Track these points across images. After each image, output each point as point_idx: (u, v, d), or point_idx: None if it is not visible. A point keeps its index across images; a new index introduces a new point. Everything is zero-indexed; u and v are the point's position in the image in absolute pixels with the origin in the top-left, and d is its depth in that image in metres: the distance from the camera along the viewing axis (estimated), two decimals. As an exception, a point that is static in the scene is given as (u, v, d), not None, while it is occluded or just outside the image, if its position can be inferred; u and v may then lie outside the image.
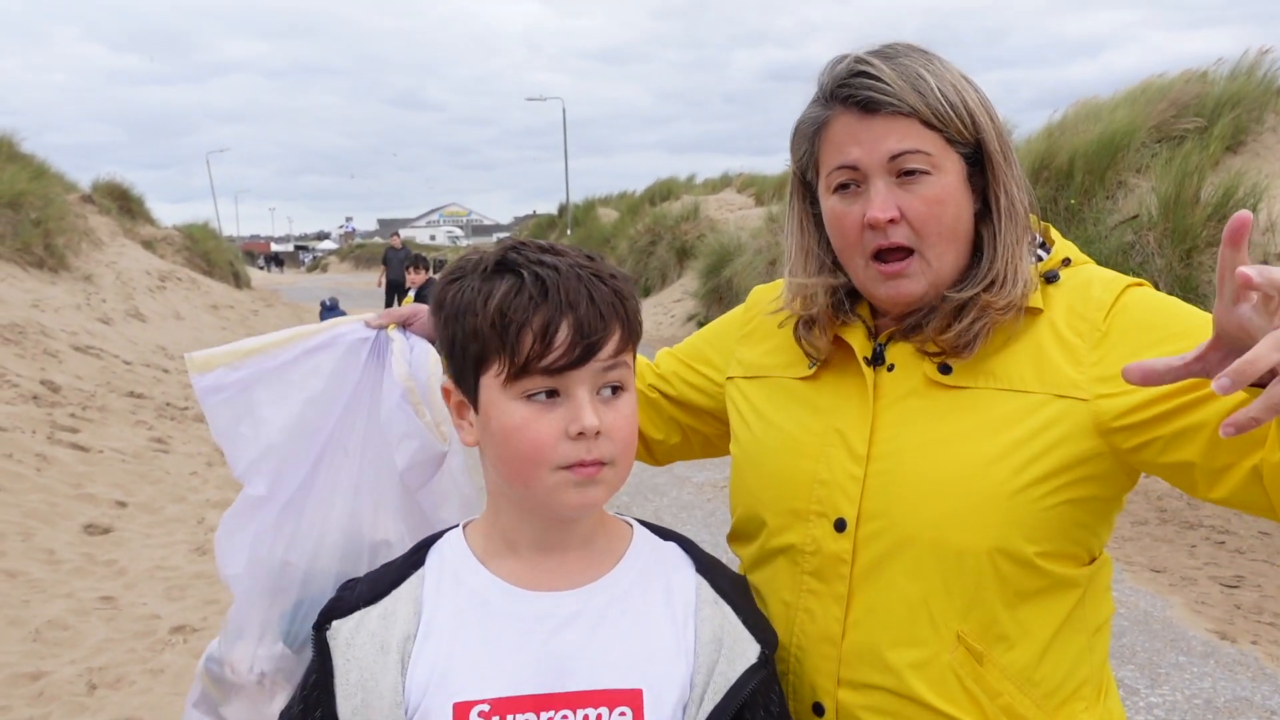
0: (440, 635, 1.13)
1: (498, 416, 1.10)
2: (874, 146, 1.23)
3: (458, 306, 1.12)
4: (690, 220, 23.45)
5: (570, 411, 1.08)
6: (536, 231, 38.19)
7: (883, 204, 1.23)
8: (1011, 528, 1.19)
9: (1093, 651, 1.29)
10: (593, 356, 1.08)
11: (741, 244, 17.01)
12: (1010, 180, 1.27)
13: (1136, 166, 10.58)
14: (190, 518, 6.42)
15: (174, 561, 5.62)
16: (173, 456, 7.72)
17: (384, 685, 1.11)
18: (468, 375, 1.13)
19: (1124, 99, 11.81)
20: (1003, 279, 1.24)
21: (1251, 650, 4.46)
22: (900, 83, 1.21)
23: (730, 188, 29.17)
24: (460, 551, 1.20)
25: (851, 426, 1.29)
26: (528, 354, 1.06)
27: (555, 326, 1.06)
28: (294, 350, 1.44)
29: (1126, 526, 6.16)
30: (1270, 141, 11.18)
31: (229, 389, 1.43)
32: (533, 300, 1.07)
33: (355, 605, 1.18)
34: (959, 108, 1.23)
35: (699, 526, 6.33)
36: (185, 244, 24.77)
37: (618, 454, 1.11)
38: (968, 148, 1.25)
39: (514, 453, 1.09)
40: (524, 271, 1.09)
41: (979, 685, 1.21)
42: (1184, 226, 8.84)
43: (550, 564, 1.17)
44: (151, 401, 9.26)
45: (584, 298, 1.08)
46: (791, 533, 1.30)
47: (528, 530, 1.16)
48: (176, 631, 4.67)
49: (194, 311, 16.29)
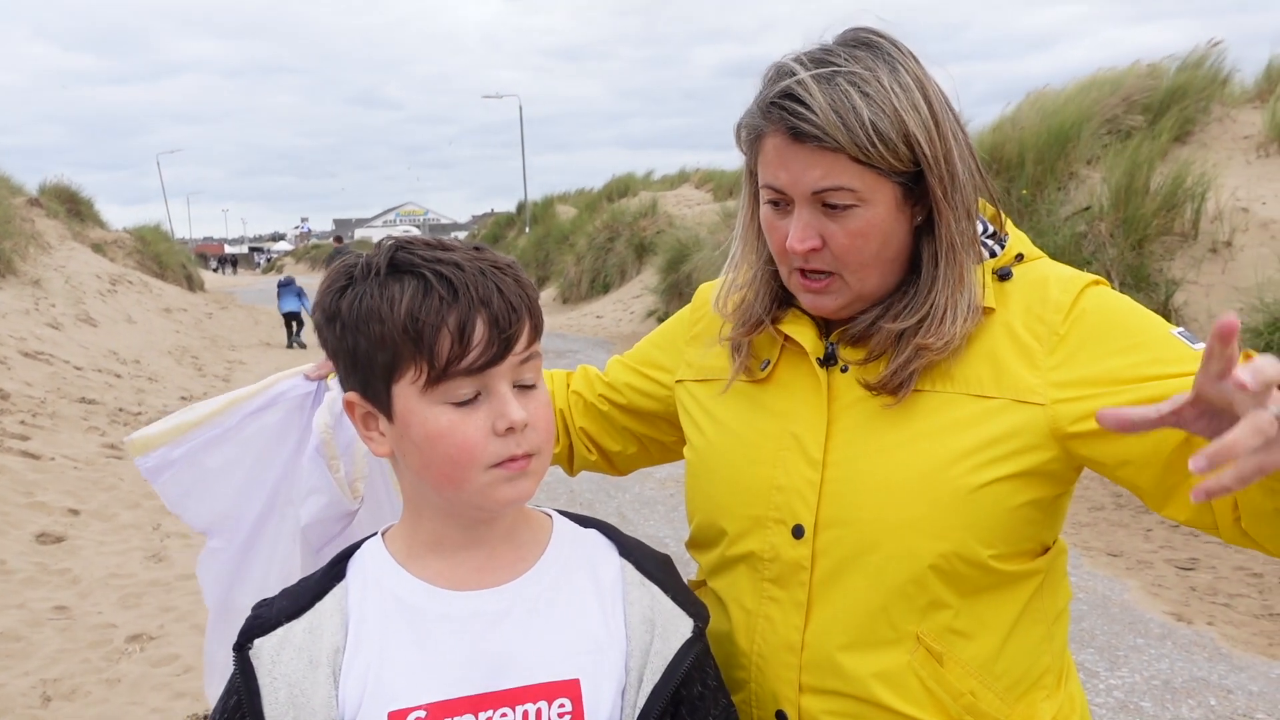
0: (370, 644, 1.10)
1: (419, 424, 1.06)
2: (799, 176, 1.19)
3: (357, 315, 1.06)
4: (649, 216, 23.45)
5: (495, 408, 1.05)
6: (495, 230, 37.98)
7: (802, 235, 1.20)
8: (968, 531, 1.19)
9: (1052, 639, 1.29)
10: (510, 351, 1.06)
11: (700, 239, 17.03)
12: (951, 211, 1.20)
13: (1088, 158, 10.73)
14: (145, 524, 6.32)
15: (129, 569, 5.53)
16: (126, 463, 7.59)
17: (316, 701, 1.07)
18: (376, 385, 1.08)
19: (1074, 91, 11.96)
20: (941, 315, 1.21)
21: (1207, 631, 4.53)
22: (829, 115, 1.14)
23: (688, 183, 29.19)
24: (381, 559, 1.17)
25: (807, 430, 1.27)
26: (447, 357, 1.03)
27: (471, 325, 1.03)
28: (234, 416, 1.44)
29: (1084, 512, 6.25)
30: (1217, 132, 11.39)
31: (174, 465, 1.44)
32: (444, 301, 1.03)
33: (277, 621, 1.13)
34: (890, 141, 1.15)
35: (661, 522, 6.33)
36: (136, 247, 24.41)
37: (542, 443, 1.10)
38: (905, 175, 1.19)
39: (443, 457, 1.06)
40: (425, 272, 1.05)
41: (940, 686, 1.21)
42: (1135, 216, 8.98)
43: (475, 562, 1.15)
44: (104, 407, 9.10)
45: (494, 292, 1.05)
46: (751, 540, 1.29)
47: (452, 532, 1.14)
48: (133, 640, 4.59)
49: (146, 315, 16.03)
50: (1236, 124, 11.42)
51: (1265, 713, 3.77)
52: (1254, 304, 7.48)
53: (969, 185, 1.22)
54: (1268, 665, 4.17)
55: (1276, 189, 9.56)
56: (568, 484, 7.17)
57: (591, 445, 1.64)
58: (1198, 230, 8.91)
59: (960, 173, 1.21)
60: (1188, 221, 9.00)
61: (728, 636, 1.33)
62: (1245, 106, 11.74)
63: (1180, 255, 8.83)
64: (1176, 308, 8.35)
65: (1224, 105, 11.73)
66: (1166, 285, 8.51)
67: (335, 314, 1.09)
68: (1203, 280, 8.50)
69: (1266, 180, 9.96)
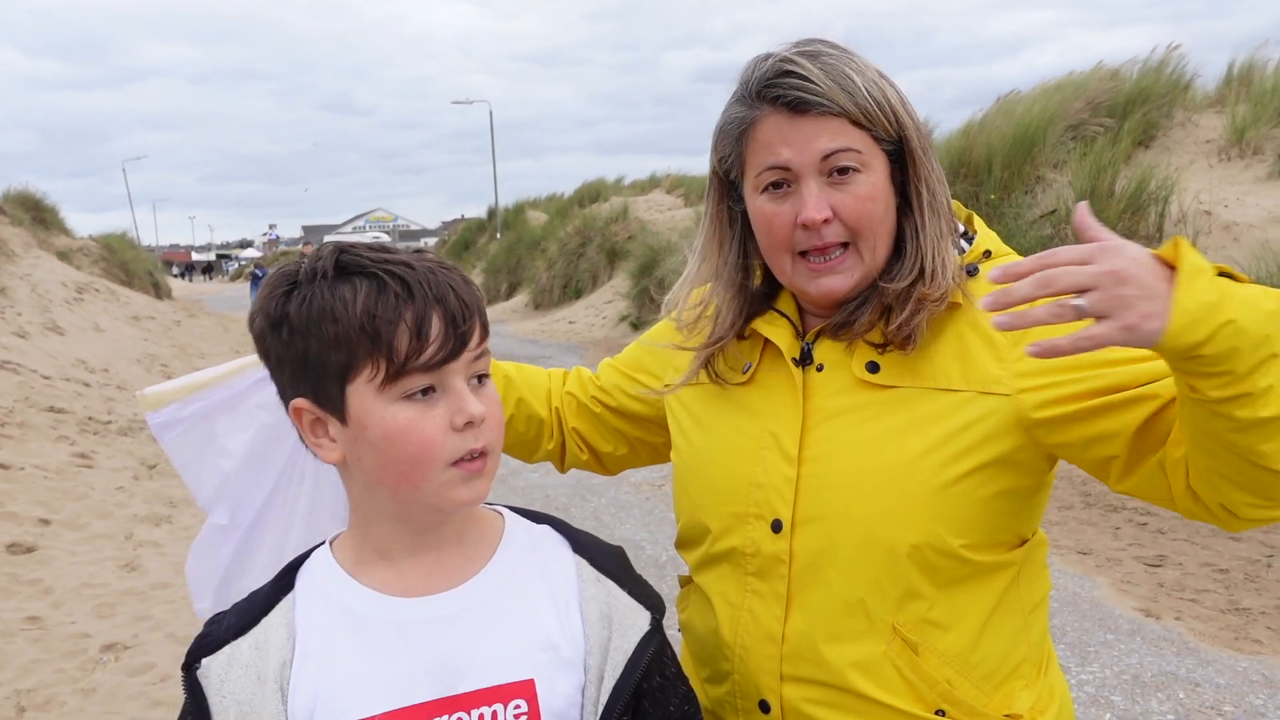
0: (318, 657, 1.09)
1: (377, 423, 1.05)
2: (805, 147, 1.23)
3: (308, 317, 1.05)
4: (620, 221, 23.45)
5: (453, 404, 1.06)
6: (466, 235, 37.80)
7: (816, 204, 1.24)
8: (940, 522, 1.22)
9: (1030, 629, 1.32)
10: (465, 347, 1.06)
11: (671, 244, 17.04)
12: (931, 175, 1.29)
13: (1053, 162, 10.86)
14: (118, 533, 6.26)
15: (102, 578, 5.48)
16: (97, 472, 7.52)
17: (265, 717, 1.06)
18: (328, 388, 1.07)
19: (1040, 96, 12.11)
20: (933, 270, 1.26)
21: (1175, 626, 4.61)
22: (829, 82, 1.21)
23: (659, 188, 29.23)
24: (329, 568, 1.15)
25: (783, 428, 1.30)
26: (405, 353, 1.03)
27: (428, 321, 1.04)
28: (245, 380, 1.44)
29: (1054, 511, 6.32)
30: (1179, 136, 11.56)
31: (184, 422, 1.43)
32: (400, 298, 1.04)
33: (224, 639, 1.12)
34: (884, 106, 1.24)
35: (637, 525, 6.34)
36: (102, 254, 24.11)
37: (494, 441, 1.10)
38: (891, 145, 1.26)
39: (402, 455, 1.05)
40: (376, 271, 1.05)
41: (917, 674, 1.24)
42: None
43: (425, 567, 1.13)
44: (73, 416, 9.00)
45: (447, 290, 1.06)
46: (733, 536, 1.32)
47: (401, 537, 1.13)
48: (107, 650, 4.56)
49: (114, 323, 15.86)
50: (1198, 128, 11.61)
51: (1232, 705, 3.84)
52: (1217, 305, 7.59)
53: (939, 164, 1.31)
54: (1234, 659, 4.25)
55: (1238, 192, 9.72)
56: (544, 489, 7.18)
57: (583, 445, 1.66)
58: (1162, 233, 9.04)
59: (930, 147, 1.30)
60: (1152, 224, 9.13)
61: (714, 631, 1.36)
62: (1207, 111, 11.93)
63: (1145, 257, 8.95)
64: (1142, 309, 8.46)
65: (1186, 110, 11.91)
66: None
67: (282, 319, 1.07)
68: (1167, 282, 8.62)
69: (1228, 183, 10.13)
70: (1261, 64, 12.09)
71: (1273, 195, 9.52)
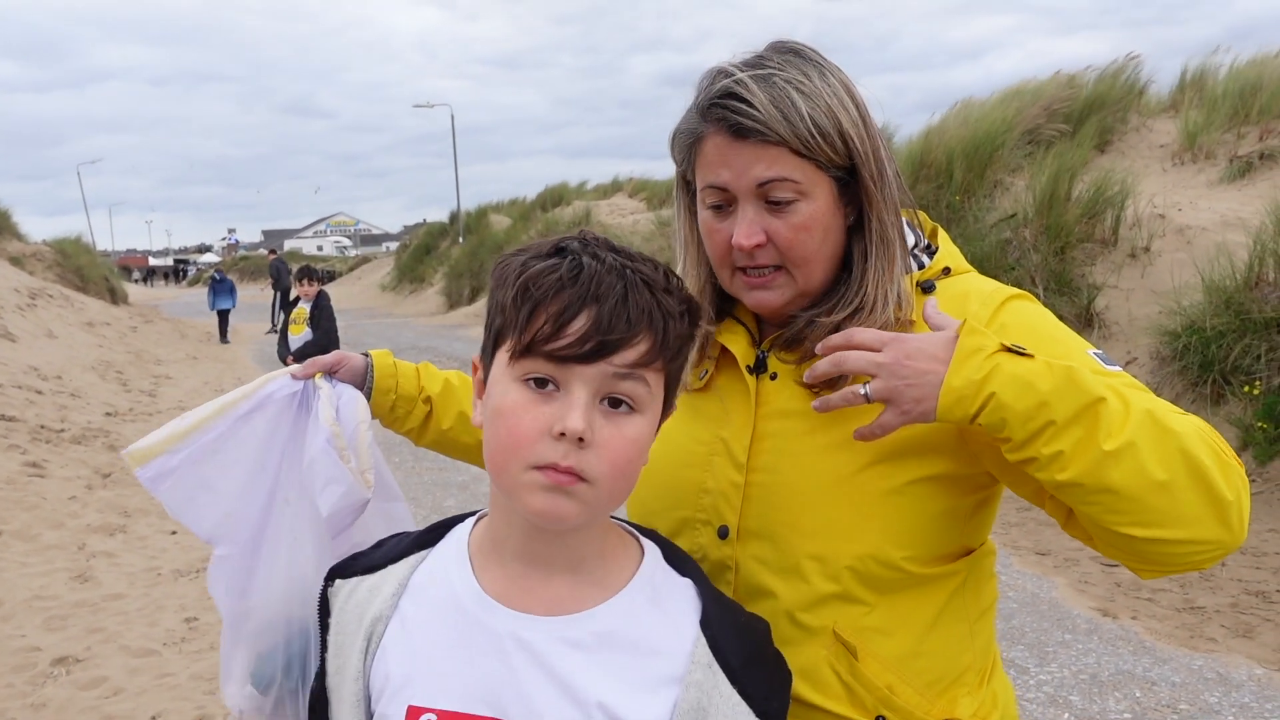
0: (411, 628, 1.09)
1: (495, 395, 1.03)
2: (742, 172, 1.21)
3: (499, 278, 1.06)
4: (583, 226, 23.46)
5: (561, 409, 0.99)
6: (428, 240, 37.56)
7: (748, 231, 1.23)
8: (884, 535, 1.22)
9: (975, 638, 1.31)
10: (604, 356, 0.99)
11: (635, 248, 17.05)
12: (883, 205, 1.25)
13: (1012, 166, 10.99)
14: (70, 544, 6.15)
15: (54, 590, 5.38)
16: (49, 481, 7.38)
17: (351, 660, 1.10)
18: (489, 348, 1.07)
19: (998, 101, 12.25)
20: (871, 304, 1.25)
21: (1132, 625, 4.67)
22: (771, 109, 1.18)
23: (621, 192, 29.27)
24: (460, 545, 1.14)
25: (734, 435, 1.30)
26: (536, 334, 0.99)
27: (573, 313, 0.98)
28: (227, 420, 1.47)
29: (1013, 512, 6.38)
30: (1134, 141, 11.74)
31: (174, 472, 1.45)
32: (560, 281, 1.00)
33: (358, 570, 1.17)
34: (829, 135, 1.20)
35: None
36: (56, 260, 23.78)
37: (602, 475, 1.00)
38: (840, 170, 1.23)
39: (494, 436, 1.02)
40: (571, 256, 1.03)
41: (856, 679, 1.23)
42: (1058, 224, 9.21)
43: (532, 581, 1.07)
44: (25, 425, 8.84)
45: (616, 294, 1.00)
46: (681, 540, 1.30)
47: (512, 536, 1.08)
48: (59, 663, 4.47)
49: (68, 330, 15.60)
50: (1153, 133, 11.79)
51: (1188, 703, 3.89)
52: (1172, 307, 7.71)
53: (894, 185, 1.27)
54: (1189, 657, 4.31)
55: (1191, 196, 9.88)
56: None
57: None
58: (1117, 236, 9.17)
59: (888, 171, 1.26)
60: (1108, 228, 9.26)
61: None
62: (1161, 116, 12.13)
63: (1101, 261, 9.08)
64: (1098, 311, 8.58)
65: (1141, 115, 12.11)
66: (1088, 290, 8.74)
67: (492, 276, 1.09)
68: (1123, 285, 8.75)
69: (1182, 187, 10.29)
70: (1214, 70, 12.32)
71: (1225, 199, 9.69)
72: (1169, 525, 1.06)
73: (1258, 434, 6.58)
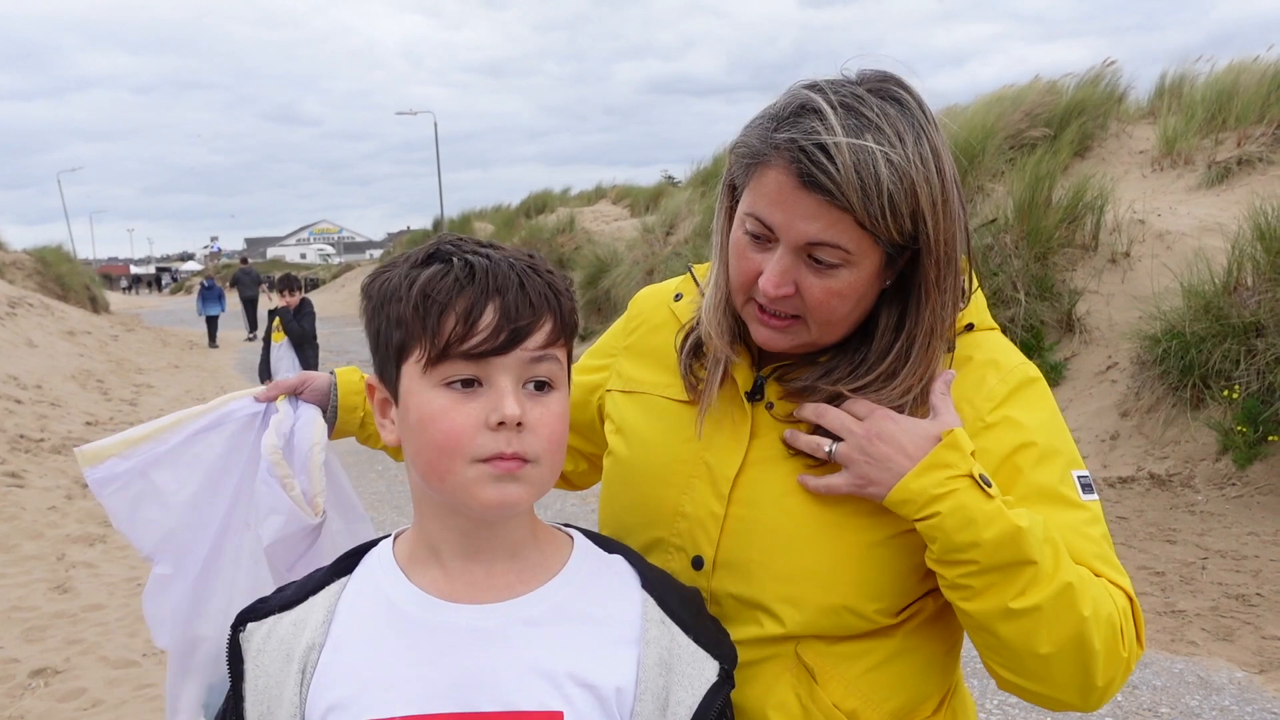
0: (350, 648, 1.08)
1: (415, 406, 1.04)
2: (795, 223, 1.13)
3: (383, 295, 1.07)
4: (567, 233, 23.42)
5: (491, 401, 1.01)
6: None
7: (778, 280, 1.16)
8: (858, 587, 1.20)
9: (944, 671, 1.30)
10: (518, 344, 1.02)
11: (618, 255, 17.06)
12: (939, 296, 1.18)
13: (993, 172, 11.04)
14: (49, 554, 6.10)
15: (32, 601, 5.33)
16: (28, 491, 7.33)
17: (285, 697, 1.07)
18: (390, 367, 1.07)
19: (979, 107, 12.31)
20: (885, 381, 1.20)
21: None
22: (851, 175, 1.08)
23: (605, 199, 29.23)
24: (385, 560, 1.14)
25: (720, 461, 1.26)
26: (449, 337, 1.00)
27: (480, 309, 1.01)
28: (183, 432, 1.45)
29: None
30: (1114, 147, 11.82)
31: (121, 478, 1.43)
32: (458, 283, 1.02)
33: (272, 610, 1.14)
34: (900, 215, 1.11)
35: (584, 538, 6.30)
36: (36, 268, 23.63)
37: (542, 452, 1.04)
38: (896, 247, 1.15)
39: (429, 443, 1.03)
40: (454, 259, 1.05)
41: (816, 705, 1.21)
42: (1039, 229, 9.26)
43: (475, 575, 1.09)
44: (4, 434, 8.77)
45: (514, 284, 1.03)
46: (651, 560, 1.27)
47: (451, 536, 1.09)
48: (37, 675, 4.43)
49: (48, 339, 15.49)
50: (1132, 139, 11.88)
51: (1169, 706, 3.91)
52: (1152, 312, 7.76)
53: (955, 276, 1.20)
54: (1170, 661, 4.33)
55: (1170, 201, 9.95)
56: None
57: None
58: (1098, 242, 9.22)
59: (956, 256, 1.19)
60: (1088, 233, 9.31)
61: None
62: (1140, 122, 12.21)
63: (1082, 266, 9.13)
64: (1079, 317, 8.63)
65: (1120, 121, 12.19)
66: (1069, 295, 8.78)
67: (368, 297, 1.10)
68: (1103, 290, 8.80)
69: (1161, 193, 10.37)
70: (1192, 76, 12.43)
71: (1203, 204, 9.76)
72: (1033, 681, 1.15)
73: (1237, 438, 6.63)
